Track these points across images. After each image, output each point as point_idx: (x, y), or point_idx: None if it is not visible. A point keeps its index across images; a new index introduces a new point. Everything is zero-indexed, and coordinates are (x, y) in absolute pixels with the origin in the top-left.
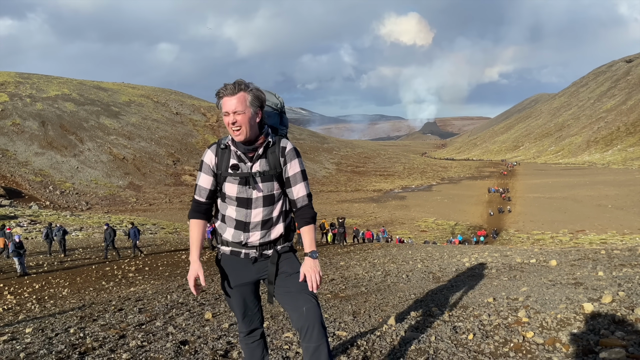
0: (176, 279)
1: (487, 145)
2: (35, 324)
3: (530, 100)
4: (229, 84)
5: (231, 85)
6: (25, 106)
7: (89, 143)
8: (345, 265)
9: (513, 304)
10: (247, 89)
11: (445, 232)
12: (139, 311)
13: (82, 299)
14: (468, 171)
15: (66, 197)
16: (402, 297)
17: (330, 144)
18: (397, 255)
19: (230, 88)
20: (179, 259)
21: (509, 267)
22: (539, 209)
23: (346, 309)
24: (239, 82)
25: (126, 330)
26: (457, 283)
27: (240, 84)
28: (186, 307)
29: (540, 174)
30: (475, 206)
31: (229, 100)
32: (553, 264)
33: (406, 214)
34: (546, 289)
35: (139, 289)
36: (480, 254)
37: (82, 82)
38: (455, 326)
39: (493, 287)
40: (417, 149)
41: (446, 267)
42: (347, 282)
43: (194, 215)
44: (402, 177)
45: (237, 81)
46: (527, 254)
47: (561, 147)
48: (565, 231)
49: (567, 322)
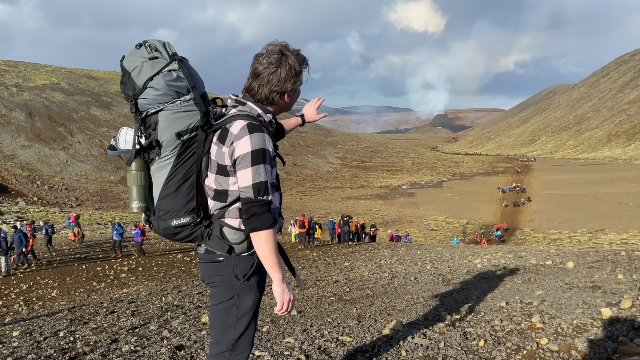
0: (171, 280)
1: (501, 139)
2: (23, 327)
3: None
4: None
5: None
6: (11, 96)
7: (79, 135)
8: (350, 266)
9: (527, 308)
10: None
11: (456, 231)
12: (132, 314)
13: (72, 300)
14: (481, 167)
15: (55, 193)
16: (409, 300)
17: (335, 137)
18: (404, 256)
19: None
20: (174, 259)
21: (523, 269)
22: (556, 207)
23: (351, 312)
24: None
25: (118, 334)
26: (468, 286)
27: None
28: (182, 309)
29: (558, 170)
30: (488, 203)
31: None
32: (570, 266)
33: (415, 212)
34: (562, 293)
35: (132, 291)
36: (493, 254)
37: (71, 70)
38: (465, 332)
39: (506, 290)
40: (426, 142)
41: (457, 268)
42: (352, 284)
43: (275, 220)
44: (410, 172)
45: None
46: (543, 255)
47: (580, 141)
48: (584, 230)
49: (584, 328)
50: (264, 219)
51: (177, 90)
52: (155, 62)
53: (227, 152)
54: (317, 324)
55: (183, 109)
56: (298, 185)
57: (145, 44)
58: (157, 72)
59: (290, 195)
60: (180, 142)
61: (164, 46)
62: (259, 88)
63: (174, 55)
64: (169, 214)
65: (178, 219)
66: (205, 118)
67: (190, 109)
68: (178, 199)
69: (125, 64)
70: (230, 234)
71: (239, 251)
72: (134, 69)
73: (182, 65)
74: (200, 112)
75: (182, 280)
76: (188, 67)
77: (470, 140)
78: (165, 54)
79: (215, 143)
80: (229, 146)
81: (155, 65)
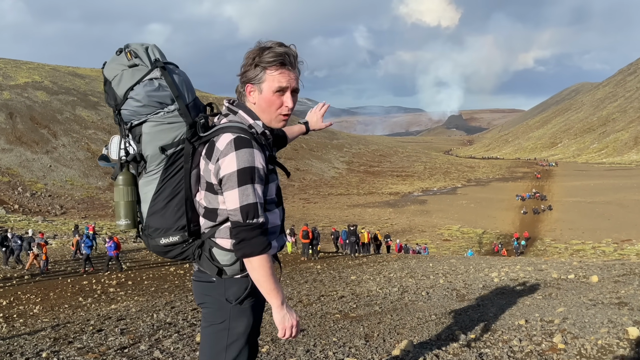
0: (163, 295)
1: (520, 142)
2: (2, 347)
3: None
4: (292, 50)
5: (295, 53)
6: None
7: (64, 138)
8: (357, 280)
9: (548, 327)
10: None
11: (472, 242)
12: (121, 332)
13: (56, 317)
14: (498, 172)
15: (37, 200)
16: (421, 318)
17: (341, 140)
18: (415, 269)
19: (293, 56)
20: (166, 272)
21: (544, 283)
22: (579, 215)
23: (357, 331)
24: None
25: (106, 355)
26: (484, 302)
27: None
28: (175, 327)
29: (581, 175)
30: (506, 212)
31: (291, 73)
32: (594, 280)
33: (427, 221)
34: (586, 310)
35: (120, 307)
36: (511, 267)
37: (55, 67)
38: (481, 353)
39: (525, 307)
40: (439, 145)
41: (472, 282)
42: (359, 299)
43: (270, 244)
44: (422, 178)
45: (293, 48)
46: (565, 268)
47: (605, 145)
48: (609, 241)
49: (609, 349)
50: (255, 243)
51: (160, 101)
52: (135, 70)
53: (213, 169)
54: (321, 343)
55: (167, 120)
56: (301, 192)
57: (126, 50)
58: (137, 82)
59: (293, 203)
60: (165, 156)
61: (146, 51)
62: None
63: (155, 62)
64: (157, 232)
65: (167, 237)
66: (192, 130)
67: (175, 120)
68: (167, 216)
69: (105, 72)
70: (220, 255)
71: (231, 273)
72: (114, 77)
73: (164, 73)
74: (186, 123)
75: (176, 295)
76: (172, 74)
77: (487, 143)
78: (147, 60)
79: (204, 157)
80: (215, 163)
81: (135, 74)
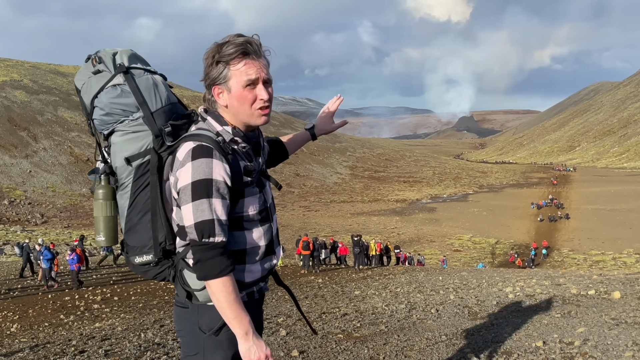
0: (152, 312)
1: (535, 146)
2: None
3: (589, 90)
4: (254, 38)
5: (257, 41)
6: None
7: (45, 141)
8: (361, 295)
9: (567, 349)
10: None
11: (484, 252)
12: (105, 354)
13: (35, 337)
14: (512, 177)
15: (16, 208)
16: (430, 338)
17: (344, 144)
18: (424, 283)
19: (256, 44)
20: (155, 287)
21: (562, 299)
22: (598, 224)
23: (361, 353)
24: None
25: None
26: (499, 320)
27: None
28: (164, 349)
29: (601, 181)
30: (520, 220)
31: (258, 62)
32: (616, 296)
33: (436, 230)
34: (608, 330)
35: (105, 325)
36: (526, 281)
37: (35, 65)
38: None
39: (543, 326)
40: (449, 149)
41: (485, 299)
42: (363, 317)
43: (229, 266)
44: (431, 184)
45: (255, 37)
46: (585, 283)
47: (626, 148)
48: (631, 251)
49: None
50: (211, 265)
51: (124, 108)
52: (99, 76)
53: (173, 182)
54: None
55: (132, 129)
56: (301, 199)
57: (93, 56)
58: (100, 89)
59: (292, 211)
60: (132, 168)
61: (112, 57)
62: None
63: (119, 67)
64: (133, 250)
65: (141, 255)
66: (159, 139)
67: (140, 129)
68: (140, 233)
69: (75, 82)
70: (191, 278)
71: (202, 299)
72: (82, 86)
73: (127, 78)
74: (152, 132)
75: (165, 312)
76: (135, 79)
77: (500, 147)
78: (111, 65)
79: (168, 169)
80: (174, 175)
81: (99, 81)
